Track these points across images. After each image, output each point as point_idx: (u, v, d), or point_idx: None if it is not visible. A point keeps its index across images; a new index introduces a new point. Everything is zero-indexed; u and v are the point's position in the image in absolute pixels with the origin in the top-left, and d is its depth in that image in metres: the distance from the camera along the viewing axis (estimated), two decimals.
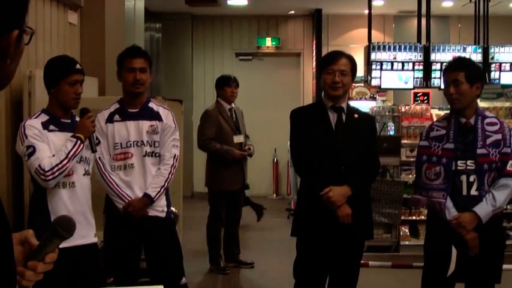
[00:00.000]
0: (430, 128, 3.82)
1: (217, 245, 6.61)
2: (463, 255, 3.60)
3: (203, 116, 6.61)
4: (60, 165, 3.46)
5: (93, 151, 3.76)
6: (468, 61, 3.89)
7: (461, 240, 3.59)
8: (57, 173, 3.46)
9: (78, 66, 3.62)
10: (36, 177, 3.48)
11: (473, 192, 3.61)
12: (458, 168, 3.62)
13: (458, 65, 3.71)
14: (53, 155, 3.49)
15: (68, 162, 3.48)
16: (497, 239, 3.75)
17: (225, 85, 6.57)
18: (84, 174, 3.67)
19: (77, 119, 3.68)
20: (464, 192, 3.63)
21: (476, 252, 3.60)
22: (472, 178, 3.62)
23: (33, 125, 3.51)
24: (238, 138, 6.52)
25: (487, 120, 3.68)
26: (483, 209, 3.57)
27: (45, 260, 1.45)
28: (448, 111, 3.95)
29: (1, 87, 1.24)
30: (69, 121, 3.65)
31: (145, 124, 4.06)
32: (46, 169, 3.44)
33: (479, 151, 3.60)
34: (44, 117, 3.57)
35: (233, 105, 6.62)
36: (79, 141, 3.53)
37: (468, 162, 3.62)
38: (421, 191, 3.74)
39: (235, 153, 6.41)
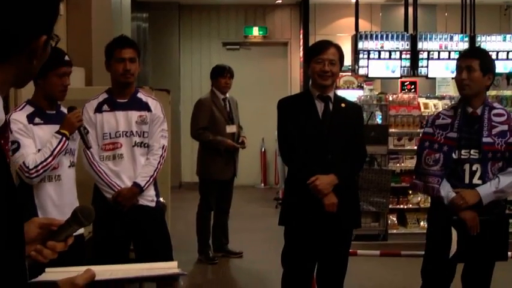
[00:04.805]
0: (437, 115, 3.89)
1: (206, 234, 6.62)
2: (463, 236, 3.62)
3: (196, 105, 6.63)
4: (44, 163, 3.45)
5: (88, 147, 3.76)
6: (484, 51, 4.07)
7: (460, 222, 3.62)
8: (41, 171, 3.45)
9: (66, 57, 3.58)
10: (20, 174, 3.46)
11: (476, 181, 3.66)
12: (462, 157, 3.67)
13: (474, 52, 3.87)
14: (38, 150, 3.48)
15: (52, 159, 3.47)
16: (500, 218, 3.76)
17: (219, 75, 6.59)
18: (69, 166, 3.66)
19: (62, 108, 3.66)
20: (467, 181, 3.67)
21: (477, 231, 3.62)
22: (474, 167, 3.67)
23: (18, 119, 3.47)
24: (231, 128, 6.53)
25: (494, 111, 3.73)
26: (485, 189, 3.61)
27: (67, 242, 1.67)
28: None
29: (24, 84, 1.38)
30: (54, 112, 3.63)
31: (135, 114, 4.05)
32: (30, 167, 3.43)
33: (484, 139, 3.64)
34: (29, 109, 3.54)
35: (227, 95, 6.63)
36: (64, 138, 3.51)
37: (472, 151, 3.66)
38: (420, 176, 3.80)
39: (228, 143, 6.42)
